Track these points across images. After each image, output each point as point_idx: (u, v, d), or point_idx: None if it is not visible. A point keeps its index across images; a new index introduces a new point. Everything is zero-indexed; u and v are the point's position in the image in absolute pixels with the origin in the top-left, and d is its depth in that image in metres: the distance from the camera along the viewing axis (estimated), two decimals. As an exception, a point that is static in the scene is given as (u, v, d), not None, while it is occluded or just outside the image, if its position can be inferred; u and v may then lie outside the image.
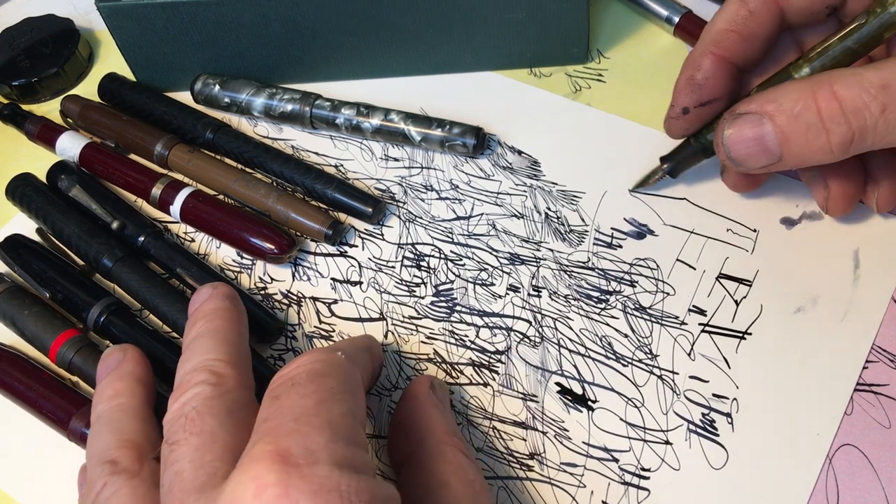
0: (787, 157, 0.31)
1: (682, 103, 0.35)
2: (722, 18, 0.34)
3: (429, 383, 0.32)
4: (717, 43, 0.34)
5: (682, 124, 0.36)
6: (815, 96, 0.29)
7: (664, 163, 0.38)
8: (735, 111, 0.32)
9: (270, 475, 0.23)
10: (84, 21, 0.52)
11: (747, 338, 0.35)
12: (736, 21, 0.33)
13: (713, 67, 0.34)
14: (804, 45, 0.35)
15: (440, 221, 0.40)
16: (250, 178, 0.41)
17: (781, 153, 0.31)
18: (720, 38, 0.34)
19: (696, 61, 0.34)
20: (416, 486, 0.28)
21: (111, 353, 0.33)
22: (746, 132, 0.31)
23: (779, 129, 0.30)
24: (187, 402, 0.27)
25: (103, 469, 0.28)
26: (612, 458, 0.32)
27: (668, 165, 0.38)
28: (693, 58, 0.34)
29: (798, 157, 0.31)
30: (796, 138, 0.30)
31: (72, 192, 0.41)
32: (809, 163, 0.31)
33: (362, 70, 0.46)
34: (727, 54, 0.34)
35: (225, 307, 0.31)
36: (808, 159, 0.31)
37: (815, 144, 0.30)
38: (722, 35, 0.34)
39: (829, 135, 0.30)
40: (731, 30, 0.33)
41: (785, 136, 0.30)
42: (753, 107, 0.31)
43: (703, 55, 0.34)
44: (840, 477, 0.31)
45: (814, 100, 0.29)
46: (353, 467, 0.24)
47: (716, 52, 0.34)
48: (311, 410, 0.25)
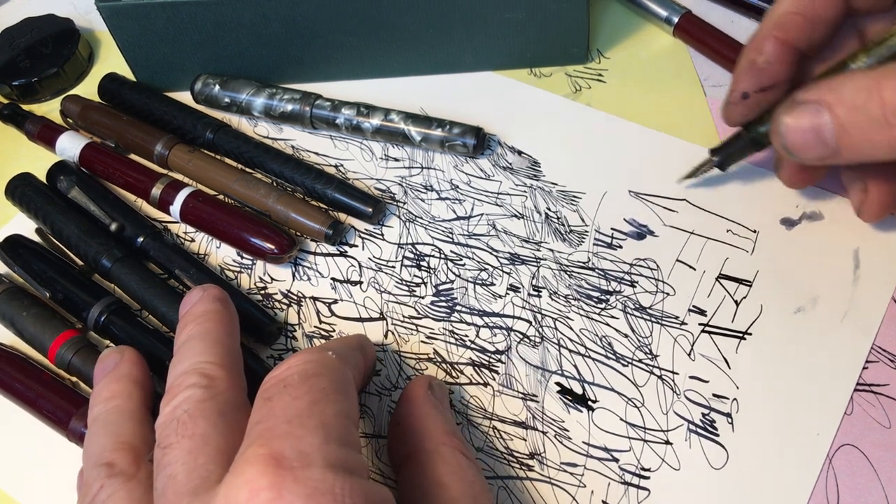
0: (845, 150, 0.30)
1: (742, 88, 0.34)
2: (787, 1, 0.33)
3: (427, 384, 0.32)
4: (780, 26, 0.33)
5: (740, 110, 0.34)
6: (880, 88, 0.28)
7: (714, 155, 0.37)
8: (794, 99, 0.31)
9: (264, 478, 0.23)
10: (84, 21, 0.52)
11: (747, 338, 0.35)
12: (801, 4, 0.32)
13: (775, 51, 0.33)
14: (866, 34, 0.34)
15: (440, 221, 0.40)
16: (250, 178, 0.41)
17: (839, 145, 0.30)
18: (784, 20, 0.32)
19: (758, 44, 0.33)
20: (416, 486, 0.28)
21: (108, 354, 0.33)
22: (804, 121, 0.30)
23: (838, 120, 0.29)
24: (179, 406, 0.27)
25: (100, 471, 0.28)
26: (612, 458, 0.32)
27: (717, 158, 0.37)
28: (755, 41, 0.33)
29: (856, 150, 0.30)
30: (856, 131, 0.29)
31: (71, 193, 0.41)
32: (867, 158, 0.30)
33: (362, 70, 0.46)
34: (790, 38, 0.33)
35: (215, 309, 0.31)
36: (866, 154, 0.30)
37: (876, 139, 0.29)
38: (786, 18, 0.32)
39: (893, 129, 0.28)
40: (795, 12, 0.32)
41: (843, 128, 0.29)
42: (813, 95, 0.30)
43: (766, 38, 0.33)
44: (840, 477, 0.31)
45: (878, 91, 0.28)
46: (347, 469, 0.24)
47: (778, 36, 0.33)
48: (303, 412, 0.25)
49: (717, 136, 0.41)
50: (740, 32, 0.45)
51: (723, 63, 0.43)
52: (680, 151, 0.41)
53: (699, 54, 0.45)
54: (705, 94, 0.43)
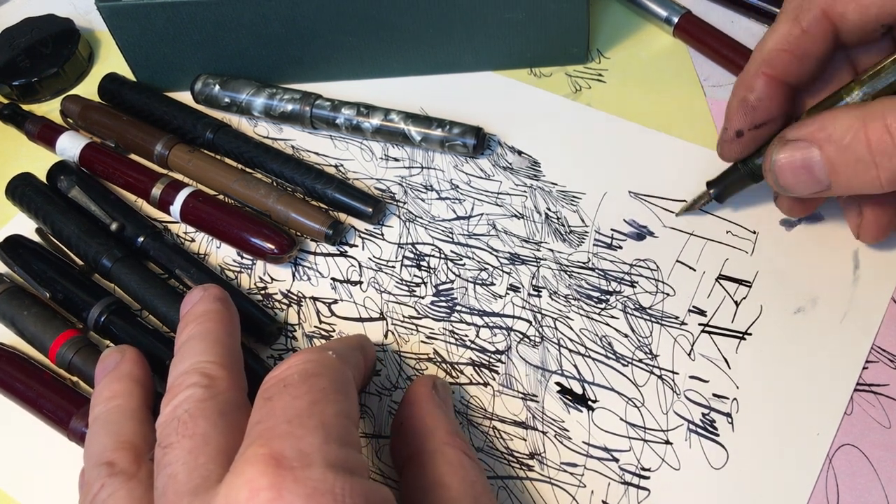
0: (836, 187, 0.30)
1: (736, 126, 0.34)
2: (773, 38, 0.33)
3: (431, 383, 0.32)
4: (769, 63, 0.32)
5: (736, 147, 0.34)
6: (865, 128, 0.29)
7: (710, 188, 0.37)
8: (784, 137, 0.31)
9: (264, 478, 0.23)
10: (84, 21, 0.52)
11: (747, 338, 0.35)
12: (788, 41, 0.32)
13: (766, 88, 0.33)
14: (858, 65, 0.34)
15: (440, 221, 0.40)
16: (250, 178, 0.41)
17: (830, 182, 0.30)
18: (772, 57, 0.32)
19: (748, 82, 0.33)
20: (418, 486, 0.28)
21: (109, 354, 0.33)
22: (795, 160, 0.30)
23: (827, 158, 0.30)
24: (179, 405, 0.27)
25: (101, 470, 0.28)
26: (612, 458, 0.32)
27: (714, 190, 0.37)
28: (745, 79, 0.33)
29: (846, 187, 0.30)
30: (844, 169, 0.29)
31: (71, 193, 0.41)
32: (859, 192, 0.30)
33: (362, 70, 0.46)
34: (780, 74, 0.32)
35: (216, 309, 0.31)
36: (856, 189, 0.30)
37: (863, 177, 0.29)
38: (774, 55, 0.32)
39: (879, 169, 0.29)
40: (783, 49, 0.32)
41: (833, 166, 0.30)
42: (803, 133, 0.30)
43: (756, 76, 0.33)
44: (840, 477, 0.31)
45: (864, 131, 0.29)
46: (347, 469, 0.24)
47: (768, 73, 0.32)
48: (303, 412, 0.25)
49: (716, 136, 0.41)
50: (740, 32, 0.45)
51: (723, 63, 0.43)
52: (680, 151, 0.41)
53: (699, 54, 0.45)
54: (705, 94, 0.43)
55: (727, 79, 0.43)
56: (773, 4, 0.44)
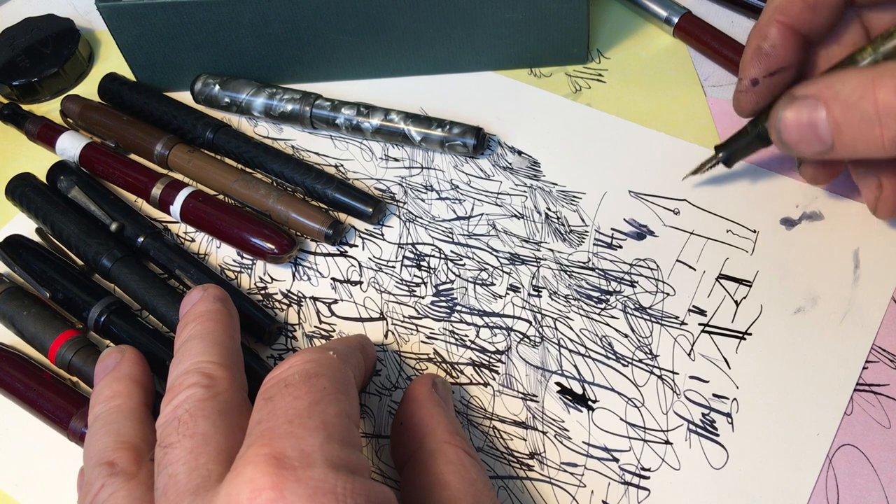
0: (839, 147, 0.30)
1: (751, 74, 0.34)
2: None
3: (431, 382, 0.32)
4: (782, 10, 0.33)
5: (751, 97, 0.35)
6: (874, 87, 0.28)
7: (719, 151, 0.37)
8: (793, 93, 0.31)
9: (265, 478, 0.23)
10: (84, 21, 0.52)
11: (747, 338, 0.35)
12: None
13: (780, 36, 0.33)
14: (870, 26, 0.34)
15: (440, 221, 0.40)
16: (250, 178, 0.41)
17: (833, 142, 0.30)
18: (785, 5, 0.33)
19: (762, 30, 0.33)
20: (418, 486, 0.28)
21: (109, 354, 0.33)
22: (801, 116, 0.30)
23: (832, 117, 0.29)
24: (180, 405, 0.27)
25: (101, 470, 0.28)
26: (612, 458, 0.32)
27: (723, 154, 0.36)
28: (759, 27, 0.34)
29: (849, 148, 0.30)
30: (849, 129, 0.29)
31: (71, 193, 0.41)
32: (862, 155, 0.30)
33: (362, 70, 0.46)
34: (793, 22, 0.33)
35: (216, 309, 0.31)
36: (860, 151, 0.30)
37: (867, 137, 0.29)
38: (787, 3, 0.33)
39: (884, 129, 0.28)
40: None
41: (837, 125, 0.29)
42: (811, 90, 0.30)
43: (769, 24, 0.33)
44: (840, 477, 0.31)
45: (872, 91, 0.28)
46: (349, 468, 0.24)
47: (781, 20, 0.33)
48: (304, 412, 0.25)
49: (716, 136, 0.41)
50: (740, 32, 0.45)
51: (723, 63, 0.43)
52: (680, 151, 0.41)
53: (699, 54, 0.45)
54: (705, 94, 0.43)
55: (727, 79, 0.43)
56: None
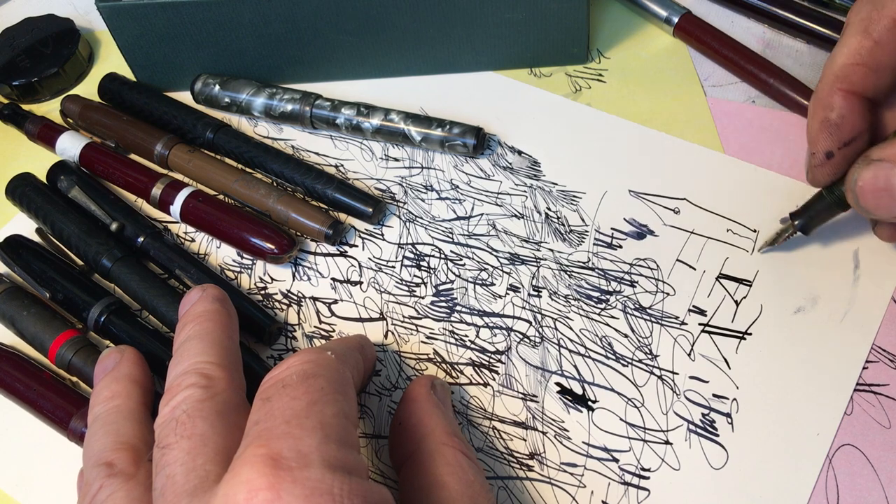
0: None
1: (825, 147, 0.32)
2: (844, 53, 0.31)
3: (430, 383, 0.32)
4: (843, 79, 0.31)
5: (827, 170, 0.33)
6: None
7: (794, 219, 0.35)
8: (869, 156, 0.30)
9: (262, 479, 0.23)
10: (84, 21, 0.52)
11: (747, 338, 0.35)
12: (860, 53, 0.31)
13: (846, 104, 0.31)
14: None
15: (440, 221, 0.40)
16: (250, 178, 0.41)
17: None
18: (846, 72, 0.31)
19: (825, 100, 0.32)
20: (416, 486, 0.28)
21: (108, 354, 0.33)
22: (878, 181, 0.29)
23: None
24: (178, 406, 0.27)
25: (100, 471, 0.28)
26: (612, 458, 0.32)
27: (799, 222, 0.35)
28: (820, 97, 0.32)
29: None
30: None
31: (71, 193, 0.41)
32: None
33: (362, 70, 0.46)
34: (857, 88, 0.31)
35: (214, 309, 0.31)
36: None
37: None
38: (848, 69, 0.31)
39: None
40: (856, 63, 0.31)
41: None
42: (886, 153, 0.29)
43: (832, 93, 0.31)
44: (840, 477, 0.31)
45: None
46: (346, 469, 0.24)
47: (844, 88, 0.31)
48: (302, 412, 0.25)
49: (716, 136, 0.41)
50: (740, 32, 0.45)
51: (723, 63, 0.43)
52: (680, 151, 0.41)
53: (699, 54, 0.45)
54: (705, 94, 0.43)
55: (727, 79, 0.43)
56: (773, 4, 0.44)
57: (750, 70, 0.42)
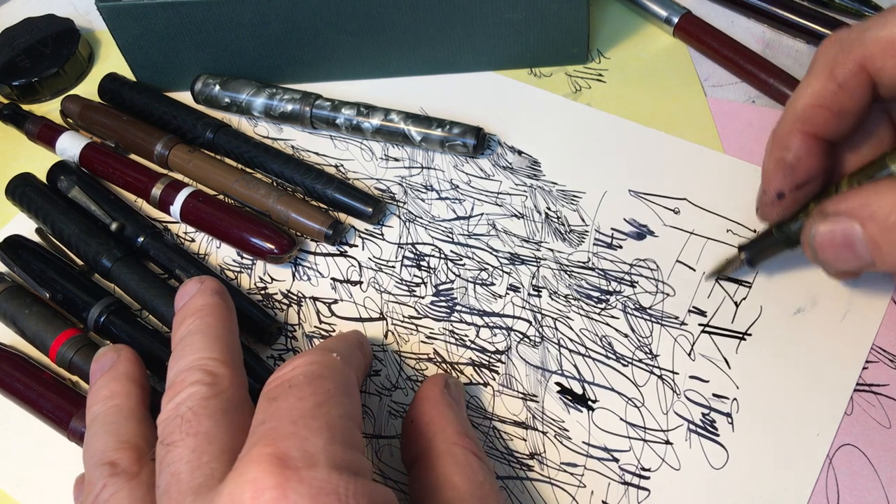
0: (881, 264, 0.28)
1: (777, 188, 0.32)
2: (807, 94, 0.30)
3: (443, 382, 0.32)
4: (805, 120, 0.30)
5: (777, 210, 0.32)
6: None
7: (742, 251, 0.35)
8: (824, 210, 0.29)
9: (268, 478, 0.23)
10: (84, 21, 0.52)
11: (747, 338, 0.35)
12: (824, 96, 0.30)
13: (804, 146, 0.31)
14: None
15: (440, 221, 0.40)
16: (250, 178, 0.41)
17: (873, 259, 0.28)
18: (808, 114, 0.30)
19: (783, 140, 0.31)
20: (426, 485, 0.28)
21: (105, 353, 0.33)
22: (836, 235, 0.29)
23: (870, 236, 0.28)
24: (182, 403, 0.27)
25: (102, 471, 0.28)
26: (612, 458, 0.32)
27: (746, 255, 0.35)
28: (779, 137, 0.31)
29: (891, 264, 0.28)
30: (890, 249, 0.28)
31: (71, 193, 0.41)
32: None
33: (362, 70, 0.46)
34: (818, 131, 0.31)
35: (214, 302, 0.31)
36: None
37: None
38: (810, 111, 0.30)
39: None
40: (819, 105, 0.30)
41: (877, 244, 0.28)
42: (843, 208, 0.29)
43: (791, 134, 0.31)
44: (840, 477, 0.31)
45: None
46: (351, 470, 0.24)
47: (805, 130, 0.31)
48: (308, 413, 0.25)
49: (716, 136, 0.41)
50: (740, 32, 0.45)
51: (723, 63, 0.43)
52: (680, 151, 0.41)
53: (699, 54, 0.45)
54: (705, 94, 0.43)
55: (727, 79, 0.43)
56: (773, 4, 0.44)
57: (750, 70, 0.42)
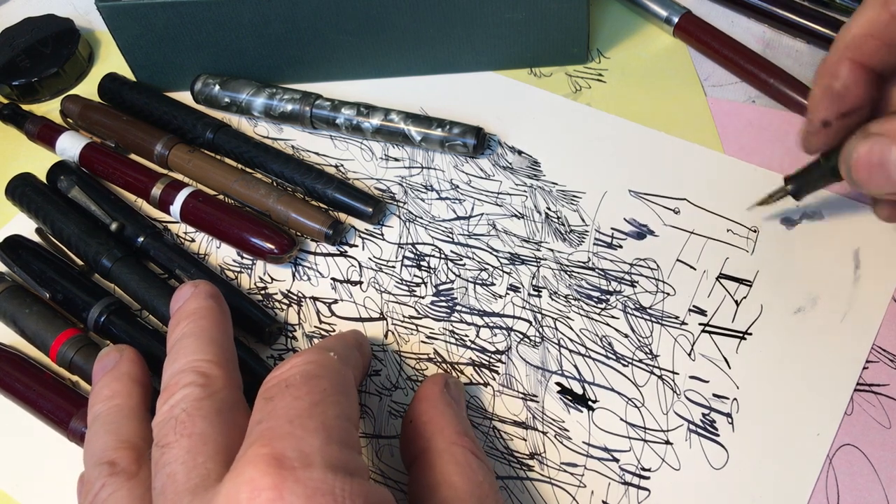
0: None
1: (822, 115, 0.31)
2: (859, 23, 0.30)
3: (443, 381, 0.32)
4: (855, 49, 0.30)
5: (822, 139, 0.32)
6: None
7: (788, 183, 0.35)
8: (867, 130, 0.29)
9: (265, 478, 0.23)
10: (84, 21, 0.52)
11: (747, 338, 0.35)
12: (876, 26, 0.30)
13: (852, 75, 0.30)
14: None
15: (440, 221, 0.40)
16: (250, 178, 0.41)
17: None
18: (859, 43, 0.30)
19: (832, 69, 0.31)
20: (425, 484, 0.28)
21: (107, 353, 0.33)
22: (872, 156, 0.29)
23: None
24: (177, 404, 0.27)
25: (102, 470, 0.28)
26: (612, 458, 0.32)
27: (792, 186, 0.34)
28: (828, 65, 0.31)
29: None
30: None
31: (71, 193, 0.41)
32: None
33: (362, 70, 0.46)
34: (866, 60, 0.30)
35: (208, 306, 0.31)
36: None
37: None
38: (861, 40, 0.30)
39: None
40: (870, 35, 0.30)
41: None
42: (886, 128, 0.28)
43: (840, 62, 0.30)
44: (840, 477, 0.31)
45: None
46: (348, 470, 0.24)
47: (854, 59, 0.30)
48: (305, 413, 0.25)
49: (716, 136, 0.41)
50: (740, 32, 0.45)
51: (723, 63, 0.43)
52: (680, 151, 0.41)
53: (699, 54, 0.45)
54: (705, 94, 0.43)
55: (727, 79, 0.43)
56: (773, 4, 0.44)
57: (750, 70, 0.42)
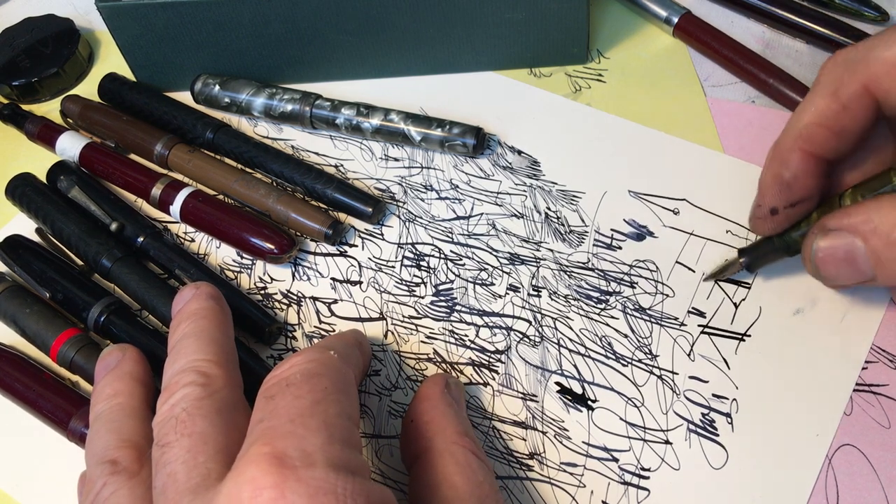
0: (882, 279, 0.29)
1: (771, 203, 0.32)
2: (810, 113, 0.30)
3: (444, 382, 0.32)
4: (806, 139, 0.30)
5: (770, 225, 0.33)
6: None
7: (742, 256, 0.35)
8: (826, 225, 0.29)
9: (267, 478, 0.23)
10: (84, 21, 0.52)
11: (747, 339, 0.35)
12: (826, 116, 0.30)
13: (802, 165, 0.30)
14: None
15: (440, 221, 0.40)
16: (250, 178, 0.41)
17: (875, 275, 0.29)
18: (809, 132, 0.30)
19: (782, 157, 0.31)
20: (425, 484, 0.28)
21: (110, 352, 0.33)
22: (837, 251, 0.29)
23: (872, 251, 0.28)
24: (177, 404, 0.27)
25: (103, 469, 0.28)
26: (611, 458, 0.32)
27: (745, 259, 0.35)
28: (779, 153, 0.31)
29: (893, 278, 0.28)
30: (892, 264, 0.28)
31: (71, 193, 0.41)
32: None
33: (362, 70, 0.46)
34: (818, 150, 0.30)
35: (209, 306, 0.31)
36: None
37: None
38: (811, 130, 0.30)
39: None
40: (821, 125, 0.30)
41: (879, 259, 0.28)
42: (846, 223, 0.29)
43: (791, 151, 0.31)
44: (840, 477, 0.31)
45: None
46: (349, 469, 0.24)
47: (805, 149, 0.30)
48: (306, 411, 0.25)
49: (716, 136, 0.41)
50: (740, 32, 0.45)
51: (723, 63, 0.43)
52: (680, 151, 0.41)
53: (699, 54, 0.45)
54: (705, 94, 0.43)
55: (727, 79, 0.43)
56: (773, 4, 0.44)
57: (750, 70, 0.42)
